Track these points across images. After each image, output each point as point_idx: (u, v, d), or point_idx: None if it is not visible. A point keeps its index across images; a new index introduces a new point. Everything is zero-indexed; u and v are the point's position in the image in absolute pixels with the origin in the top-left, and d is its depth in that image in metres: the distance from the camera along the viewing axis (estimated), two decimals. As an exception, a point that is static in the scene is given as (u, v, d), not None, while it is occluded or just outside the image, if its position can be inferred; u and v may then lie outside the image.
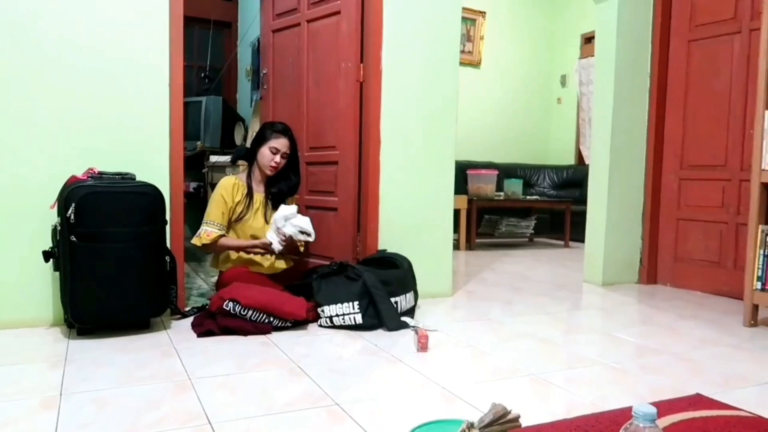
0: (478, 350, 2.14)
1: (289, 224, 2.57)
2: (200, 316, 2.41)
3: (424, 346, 2.10)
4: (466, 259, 4.65)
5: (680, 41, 3.53)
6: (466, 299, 3.08)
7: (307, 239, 2.63)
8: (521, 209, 5.95)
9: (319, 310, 2.41)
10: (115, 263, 2.11)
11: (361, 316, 2.37)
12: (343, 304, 2.38)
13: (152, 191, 2.22)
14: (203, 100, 4.55)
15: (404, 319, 2.44)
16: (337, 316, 2.38)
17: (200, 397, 1.61)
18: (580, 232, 4.22)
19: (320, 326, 2.40)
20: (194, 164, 4.43)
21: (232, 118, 4.74)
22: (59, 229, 2.12)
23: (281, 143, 2.71)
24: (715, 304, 3.10)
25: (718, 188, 3.34)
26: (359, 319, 2.37)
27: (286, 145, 2.72)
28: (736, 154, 3.24)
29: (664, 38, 3.57)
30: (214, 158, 4.25)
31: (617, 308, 2.98)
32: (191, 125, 4.23)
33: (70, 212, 2.05)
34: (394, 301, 2.46)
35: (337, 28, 2.92)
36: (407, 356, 2.04)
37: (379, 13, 2.83)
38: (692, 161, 3.48)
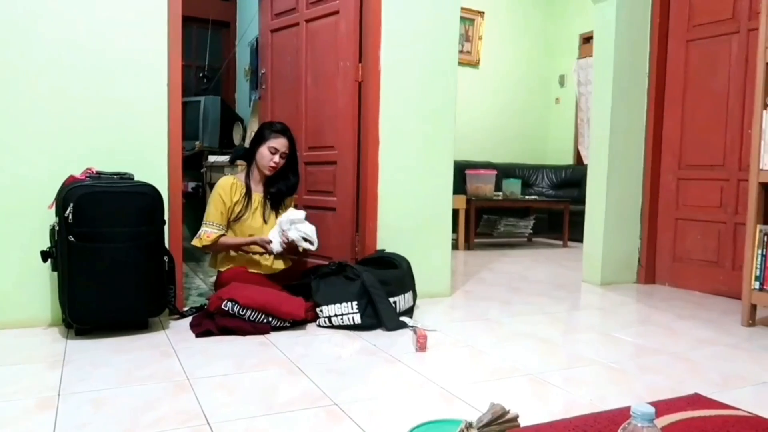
0: (476, 350, 2.15)
1: (294, 228, 2.55)
2: (199, 316, 2.40)
3: (422, 346, 2.10)
4: (464, 258, 4.66)
5: (678, 41, 3.54)
6: (464, 299, 3.08)
7: (309, 247, 2.59)
8: (520, 209, 5.95)
9: (317, 310, 2.41)
10: (113, 263, 2.11)
11: (359, 316, 2.37)
12: (341, 304, 2.38)
13: (150, 191, 2.22)
14: (202, 99, 4.54)
15: (403, 319, 2.44)
16: (335, 316, 2.38)
17: (199, 397, 1.60)
18: (578, 232, 4.23)
19: (319, 326, 2.40)
20: (193, 164, 4.42)
21: (230, 117, 4.73)
22: (57, 229, 2.11)
23: (280, 143, 2.71)
24: (713, 303, 3.10)
25: (716, 188, 3.34)
26: (358, 319, 2.37)
27: (284, 144, 2.72)
28: (734, 154, 3.25)
29: (662, 38, 3.58)
30: (212, 158, 4.25)
31: (616, 308, 2.98)
32: (190, 125, 4.22)
33: (68, 212, 2.04)
34: (392, 301, 2.46)
35: (335, 27, 2.92)
36: (406, 356, 2.04)
37: (377, 12, 2.83)
38: (690, 161, 3.48)
